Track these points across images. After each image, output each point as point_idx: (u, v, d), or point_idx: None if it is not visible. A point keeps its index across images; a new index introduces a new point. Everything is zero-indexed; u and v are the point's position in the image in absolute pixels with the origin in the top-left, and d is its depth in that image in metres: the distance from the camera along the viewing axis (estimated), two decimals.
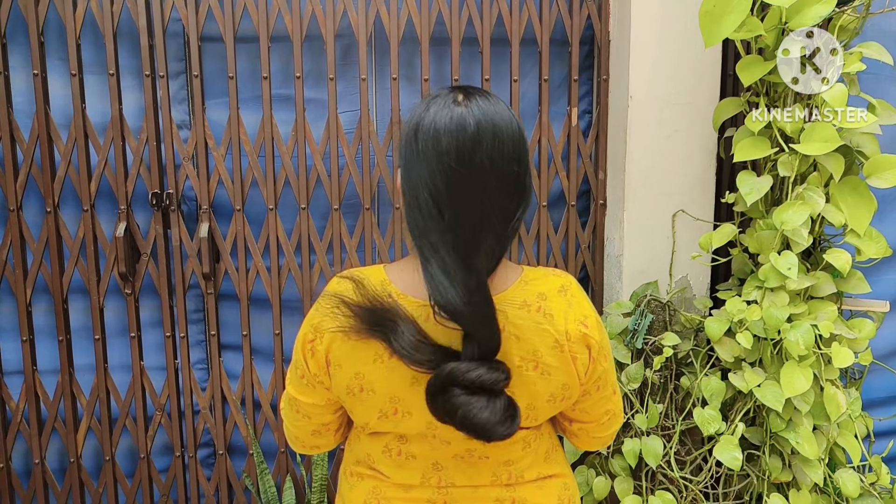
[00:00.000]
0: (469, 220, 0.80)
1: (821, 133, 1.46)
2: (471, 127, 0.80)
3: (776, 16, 1.46)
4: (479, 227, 0.81)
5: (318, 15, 1.81)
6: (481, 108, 0.81)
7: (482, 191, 0.80)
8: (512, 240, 0.86)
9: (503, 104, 0.85)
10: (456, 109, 0.81)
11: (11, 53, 1.79)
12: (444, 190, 0.80)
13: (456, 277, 0.79)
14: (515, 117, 0.85)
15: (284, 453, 1.95)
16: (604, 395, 0.97)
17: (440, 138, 0.80)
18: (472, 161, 0.79)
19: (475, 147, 0.79)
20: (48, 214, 1.80)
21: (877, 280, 1.93)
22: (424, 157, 0.81)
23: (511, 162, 0.82)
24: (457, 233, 0.80)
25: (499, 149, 0.80)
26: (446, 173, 0.79)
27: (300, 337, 0.92)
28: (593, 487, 1.69)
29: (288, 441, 1.06)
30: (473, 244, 0.81)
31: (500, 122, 0.81)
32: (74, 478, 1.91)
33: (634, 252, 1.84)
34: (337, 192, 1.88)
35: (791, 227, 1.48)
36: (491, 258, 0.84)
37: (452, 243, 0.80)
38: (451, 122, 0.80)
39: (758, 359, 1.62)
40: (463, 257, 0.80)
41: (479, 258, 0.81)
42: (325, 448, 1.04)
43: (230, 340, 1.97)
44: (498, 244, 0.84)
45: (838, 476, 1.61)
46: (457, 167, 0.79)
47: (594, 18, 1.89)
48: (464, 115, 0.80)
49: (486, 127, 0.80)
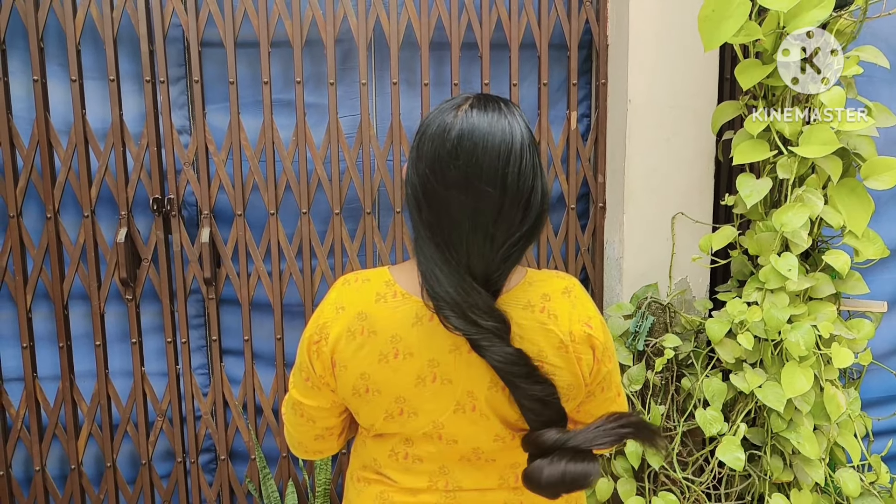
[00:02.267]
0: (451, 228, 0.81)
1: (819, 136, 1.47)
2: (449, 142, 0.81)
3: (774, 20, 1.47)
4: (465, 235, 0.81)
5: (319, 20, 1.81)
6: (474, 123, 0.81)
7: (458, 205, 0.81)
8: (522, 251, 0.85)
9: (511, 118, 0.83)
10: (448, 119, 0.82)
11: (11, 59, 1.78)
12: (422, 196, 0.83)
13: (445, 270, 0.81)
14: (520, 132, 0.82)
15: (286, 458, 1.94)
16: (608, 396, 0.98)
17: (427, 145, 0.83)
18: (445, 173, 0.81)
19: (451, 161, 0.80)
20: (48, 220, 1.80)
21: (874, 280, 1.95)
22: (420, 158, 0.84)
23: (487, 183, 0.80)
24: (442, 234, 0.82)
25: (475, 165, 0.80)
26: (427, 178, 0.82)
27: (305, 338, 0.92)
28: (596, 489, 1.70)
29: (290, 447, 1.05)
30: (461, 247, 0.82)
31: (487, 142, 0.80)
32: (75, 485, 1.90)
33: (634, 254, 1.85)
34: (338, 196, 1.88)
35: (791, 228, 1.49)
36: (488, 261, 0.83)
37: (438, 241, 0.82)
38: (438, 132, 0.82)
39: (758, 360, 1.63)
40: (451, 256, 0.82)
41: (471, 259, 0.82)
42: (327, 453, 1.04)
43: (231, 345, 1.97)
44: (493, 251, 0.83)
45: (839, 476, 1.62)
46: (432, 177, 0.81)
47: (592, 23, 1.90)
48: (451, 124, 0.81)
49: (466, 145, 0.80)
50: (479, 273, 0.83)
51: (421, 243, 0.84)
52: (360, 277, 0.93)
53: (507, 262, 0.84)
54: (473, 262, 0.82)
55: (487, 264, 0.83)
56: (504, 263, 0.84)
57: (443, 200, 0.81)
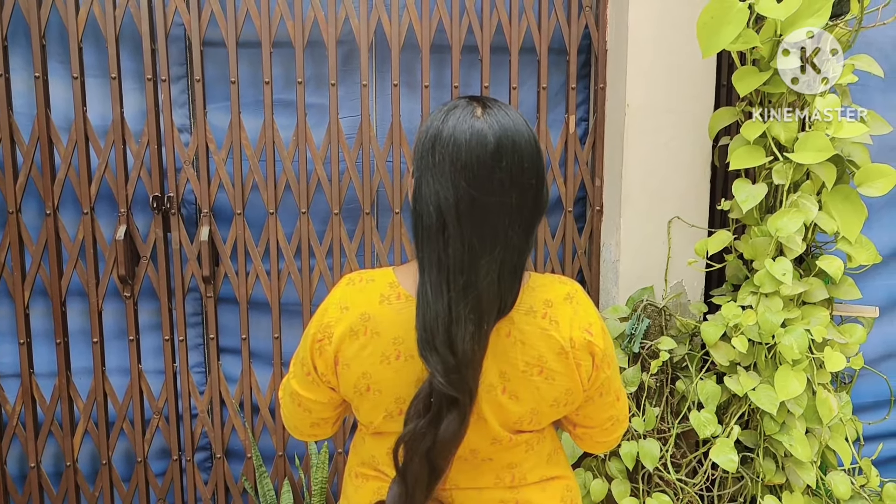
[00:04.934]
0: (473, 241, 0.80)
1: (814, 142, 1.49)
2: (490, 144, 0.80)
3: (771, 28, 1.49)
4: (484, 248, 0.80)
5: (320, 21, 1.82)
6: (501, 123, 0.81)
7: (498, 208, 0.80)
8: (530, 251, 0.87)
9: (520, 117, 0.85)
10: (476, 123, 0.81)
11: (12, 56, 1.79)
12: (453, 207, 0.79)
13: (442, 298, 0.80)
14: (531, 130, 0.85)
15: (282, 457, 1.95)
16: (607, 401, 0.98)
17: (460, 153, 0.80)
18: (490, 178, 0.79)
19: (495, 164, 0.79)
20: (47, 217, 1.80)
21: (866, 286, 1.97)
22: (440, 170, 0.80)
23: (530, 176, 0.82)
24: (456, 253, 0.80)
25: (518, 164, 0.81)
26: (459, 190, 0.79)
27: (309, 335, 0.92)
28: (590, 490, 1.71)
29: (286, 426, 1.06)
30: (472, 267, 0.80)
31: (519, 138, 0.82)
32: (71, 482, 1.90)
33: (631, 257, 1.87)
34: (337, 196, 1.89)
35: (786, 233, 1.51)
36: (502, 276, 0.82)
37: (448, 264, 0.80)
38: (472, 138, 0.80)
39: (752, 363, 1.65)
40: (456, 280, 0.80)
41: (480, 281, 0.80)
42: (322, 437, 1.06)
43: (229, 344, 1.97)
44: (518, 257, 0.84)
45: (830, 478, 1.64)
46: (471, 184, 0.79)
47: (592, 28, 1.92)
48: (484, 130, 0.80)
49: (506, 144, 0.80)
50: (492, 297, 0.82)
51: (426, 267, 0.83)
52: (365, 277, 0.93)
53: (515, 273, 0.84)
54: (482, 287, 0.81)
55: (507, 261, 0.82)
56: (514, 274, 0.84)
57: (483, 209, 0.80)
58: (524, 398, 0.89)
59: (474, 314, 0.81)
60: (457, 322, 0.80)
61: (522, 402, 0.89)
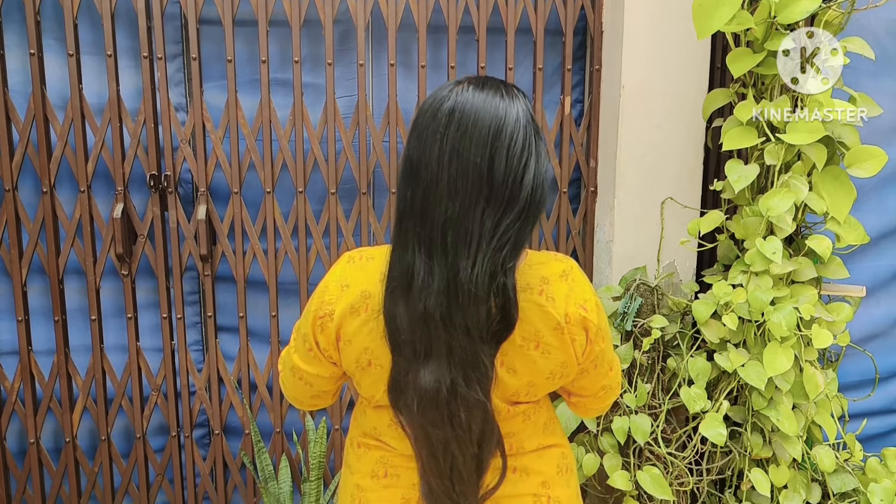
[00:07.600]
0: (435, 210, 0.81)
1: (805, 124, 1.52)
2: (443, 112, 0.82)
3: (766, 10, 1.51)
4: (447, 222, 0.81)
5: (317, 0, 1.82)
6: (470, 95, 0.83)
7: (452, 177, 0.81)
8: (517, 236, 0.84)
9: (509, 99, 0.84)
10: (444, 92, 0.85)
11: (7, 33, 1.78)
12: (412, 170, 0.84)
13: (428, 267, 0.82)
14: (516, 112, 0.84)
15: (280, 433, 1.98)
16: (600, 371, 1.01)
17: (422, 116, 0.85)
18: (436, 143, 0.82)
19: (443, 129, 0.82)
20: (44, 195, 1.80)
21: (854, 267, 2.01)
22: (413, 131, 0.86)
23: (479, 155, 0.81)
24: (425, 223, 0.82)
25: (465, 136, 0.81)
26: (418, 150, 0.83)
27: (311, 311, 0.94)
28: (583, 464, 1.75)
29: (285, 396, 1.08)
30: (442, 238, 0.82)
31: (482, 111, 0.82)
32: (70, 458, 1.92)
33: (624, 238, 1.89)
34: (334, 176, 1.90)
35: (776, 213, 1.54)
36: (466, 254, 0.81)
37: (420, 233, 0.83)
38: (434, 103, 0.84)
39: (742, 340, 1.68)
40: (432, 249, 0.82)
41: (458, 253, 0.81)
42: (322, 406, 1.08)
43: (227, 322, 1.99)
44: (475, 244, 0.82)
45: (815, 452, 1.69)
46: (425, 145, 0.82)
47: (588, 9, 1.93)
48: (446, 97, 0.83)
49: (458, 112, 0.82)
50: (469, 268, 0.81)
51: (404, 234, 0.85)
52: (365, 255, 0.95)
53: (503, 250, 0.82)
54: (460, 255, 0.81)
55: (476, 255, 0.81)
56: (499, 253, 0.82)
57: (433, 176, 0.82)
58: (521, 371, 0.92)
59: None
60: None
61: (519, 374, 0.92)
